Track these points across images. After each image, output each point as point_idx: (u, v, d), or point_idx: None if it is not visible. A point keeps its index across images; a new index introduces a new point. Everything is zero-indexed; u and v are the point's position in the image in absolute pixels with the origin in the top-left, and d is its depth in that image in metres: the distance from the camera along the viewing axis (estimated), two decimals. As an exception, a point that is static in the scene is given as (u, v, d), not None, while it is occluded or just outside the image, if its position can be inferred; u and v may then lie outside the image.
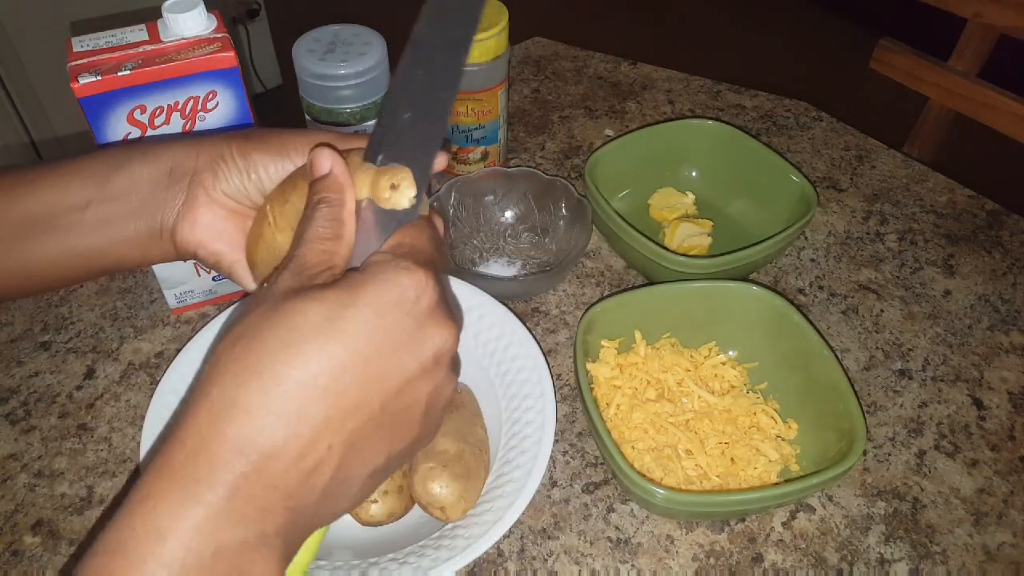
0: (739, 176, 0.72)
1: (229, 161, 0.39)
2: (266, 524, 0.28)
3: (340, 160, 0.35)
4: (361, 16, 0.70)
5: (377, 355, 0.30)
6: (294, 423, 0.28)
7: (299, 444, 0.28)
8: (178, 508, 0.26)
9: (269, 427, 0.27)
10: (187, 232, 0.40)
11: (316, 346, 0.28)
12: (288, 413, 0.28)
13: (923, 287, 0.68)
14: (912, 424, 0.58)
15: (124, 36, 0.52)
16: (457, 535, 0.45)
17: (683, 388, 0.57)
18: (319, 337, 0.28)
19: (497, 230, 0.71)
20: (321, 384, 0.28)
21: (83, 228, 0.39)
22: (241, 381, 0.28)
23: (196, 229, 0.40)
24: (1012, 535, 0.52)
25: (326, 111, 0.62)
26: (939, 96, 0.99)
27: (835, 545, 0.51)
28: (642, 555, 0.50)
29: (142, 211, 0.40)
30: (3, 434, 0.57)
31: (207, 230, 0.40)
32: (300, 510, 0.29)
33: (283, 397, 0.28)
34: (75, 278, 0.42)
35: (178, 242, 0.40)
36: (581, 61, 0.96)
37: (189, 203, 0.39)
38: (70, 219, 0.39)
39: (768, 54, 2.35)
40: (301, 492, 0.29)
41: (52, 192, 0.39)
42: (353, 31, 0.63)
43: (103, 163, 0.40)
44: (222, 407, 0.28)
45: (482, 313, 0.57)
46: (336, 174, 0.34)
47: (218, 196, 0.40)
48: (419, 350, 0.31)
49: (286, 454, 0.28)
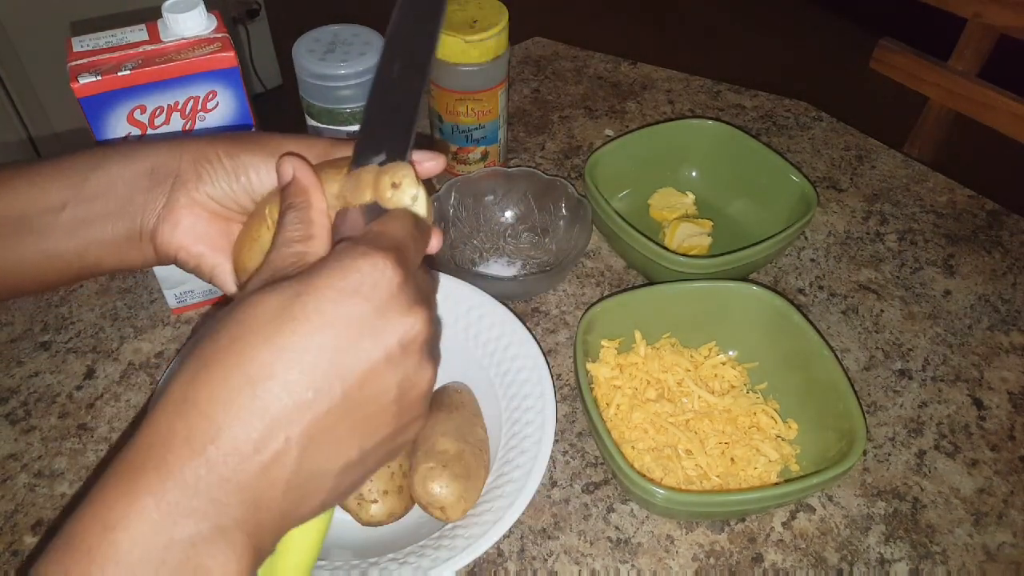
0: (739, 176, 0.72)
1: (215, 163, 0.38)
2: (221, 518, 0.27)
3: (302, 164, 0.35)
4: (361, 16, 0.70)
5: (333, 343, 0.29)
6: (245, 415, 0.27)
7: (253, 436, 0.28)
8: (126, 501, 0.26)
9: (219, 420, 0.27)
10: (167, 235, 0.39)
11: (263, 337, 0.28)
12: (239, 406, 0.27)
13: (923, 287, 0.68)
14: (912, 424, 0.58)
15: (124, 36, 0.52)
16: (457, 535, 0.45)
17: (683, 388, 0.57)
18: (268, 328, 0.28)
19: (497, 230, 0.71)
20: (272, 375, 0.28)
21: (59, 230, 0.38)
22: (194, 378, 0.28)
23: (177, 232, 0.39)
24: (1012, 535, 0.52)
25: (326, 111, 0.62)
26: (939, 96, 0.99)
27: (835, 545, 0.51)
28: (642, 555, 0.50)
29: (120, 213, 0.38)
30: (3, 434, 0.57)
31: (188, 233, 0.39)
32: (262, 505, 0.28)
33: (232, 390, 0.27)
34: (52, 281, 0.41)
35: (158, 245, 0.39)
36: (581, 61, 0.96)
37: (170, 205, 0.38)
38: (45, 221, 0.38)
39: (768, 54, 2.35)
40: (260, 486, 0.28)
41: (28, 193, 0.38)
42: (353, 31, 0.63)
43: (82, 163, 0.39)
44: (175, 403, 0.28)
45: (482, 313, 0.57)
46: (298, 178, 0.34)
47: (201, 198, 0.39)
48: (381, 337, 0.30)
49: (239, 447, 0.27)
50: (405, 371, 0.31)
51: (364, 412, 0.30)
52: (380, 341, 0.30)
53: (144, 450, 0.27)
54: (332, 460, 0.30)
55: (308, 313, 0.28)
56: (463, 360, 0.57)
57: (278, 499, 0.29)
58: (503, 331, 0.56)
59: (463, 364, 0.56)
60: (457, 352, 0.57)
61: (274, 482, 0.29)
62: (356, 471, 0.32)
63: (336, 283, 0.29)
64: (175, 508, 0.27)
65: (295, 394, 0.28)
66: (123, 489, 0.27)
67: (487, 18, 0.66)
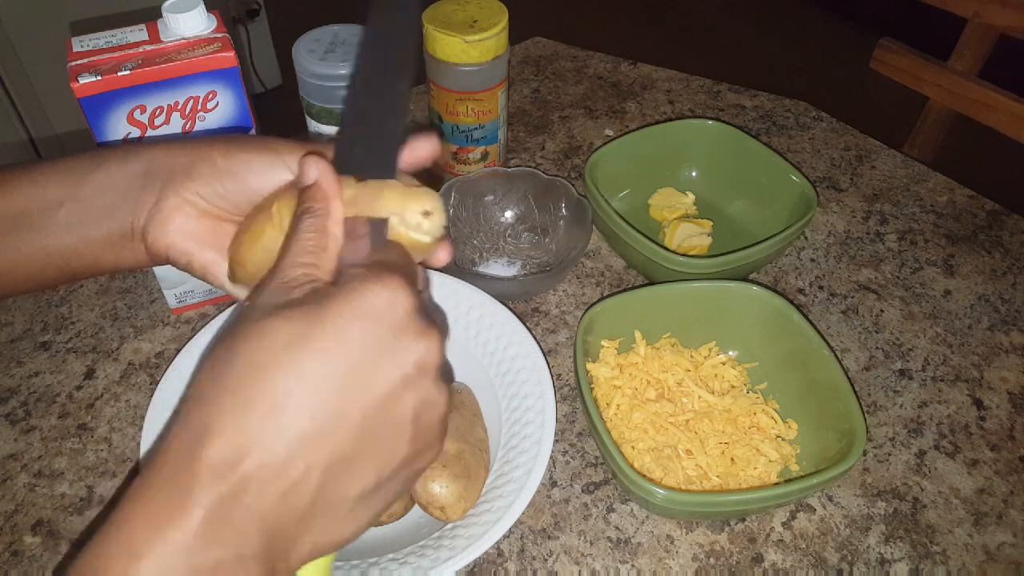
0: (739, 176, 0.72)
1: (209, 163, 0.38)
2: (242, 547, 0.27)
3: (328, 169, 0.34)
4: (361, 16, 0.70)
5: (352, 368, 0.29)
6: (268, 443, 0.27)
7: (274, 464, 0.27)
8: (153, 530, 0.26)
9: (244, 449, 0.27)
10: (158, 233, 0.39)
11: (286, 364, 0.28)
12: (260, 434, 0.27)
13: (923, 287, 0.68)
14: (912, 424, 0.58)
15: (124, 36, 0.52)
16: (457, 535, 0.45)
17: (683, 388, 0.57)
18: (289, 354, 0.28)
19: (497, 230, 0.71)
20: (294, 403, 0.28)
21: (56, 228, 0.39)
22: (215, 404, 0.28)
23: (167, 230, 0.39)
24: (1012, 535, 0.52)
25: (326, 111, 0.62)
26: (939, 96, 0.99)
27: (835, 545, 0.51)
28: (642, 555, 0.50)
29: (114, 211, 0.39)
30: (3, 434, 0.57)
31: (178, 231, 0.39)
32: (278, 533, 0.28)
33: (255, 418, 0.27)
34: (51, 279, 0.41)
35: (149, 243, 0.39)
36: (581, 61, 0.96)
37: (160, 204, 0.38)
38: (44, 218, 0.39)
39: (768, 54, 2.36)
40: (278, 514, 0.28)
41: (28, 191, 0.39)
42: (353, 31, 0.63)
43: (82, 163, 0.39)
44: (197, 430, 0.27)
45: (482, 313, 0.57)
46: (321, 183, 0.34)
47: (191, 197, 0.38)
48: (398, 360, 0.30)
49: (260, 475, 0.27)
50: (421, 394, 0.31)
51: (381, 436, 0.30)
52: (397, 364, 0.30)
53: (170, 479, 0.27)
54: (350, 487, 0.30)
55: (327, 338, 0.28)
56: (463, 360, 0.57)
57: (293, 527, 0.29)
58: (503, 331, 0.56)
59: (463, 364, 0.56)
60: (457, 352, 0.57)
61: (292, 510, 0.28)
62: (373, 500, 0.31)
63: (353, 307, 0.29)
64: (202, 538, 0.26)
65: (317, 420, 0.28)
66: (149, 519, 0.26)
67: (487, 18, 0.66)
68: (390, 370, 0.30)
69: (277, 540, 0.28)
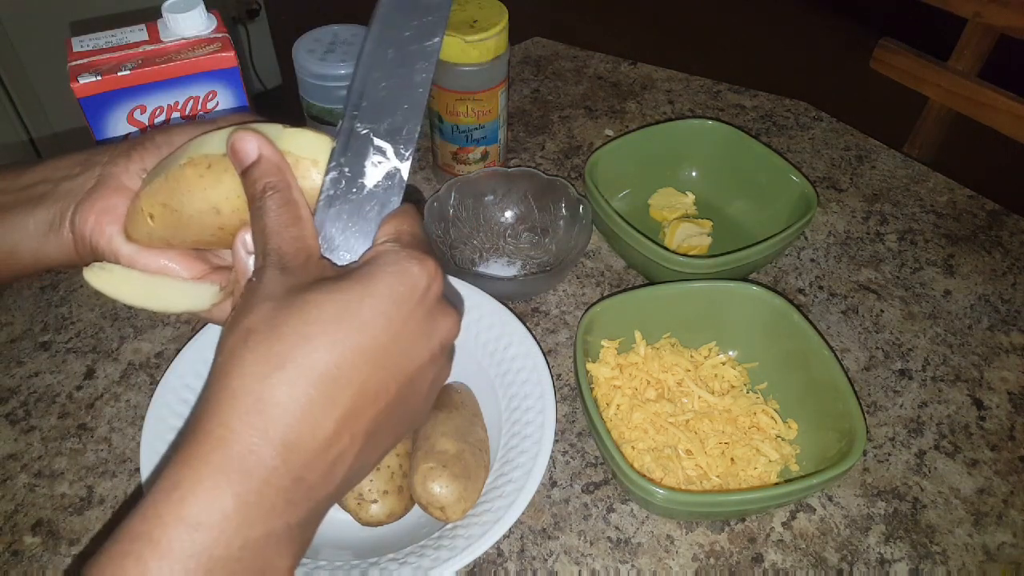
0: (739, 176, 0.72)
1: (148, 143, 0.38)
2: (290, 516, 0.28)
3: (265, 141, 0.34)
4: (361, 16, 0.70)
5: (394, 344, 0.30)
6: (319, 415, 0.28)
7: (324, 435, 0.29)
8: (209, 498, 0.26)
9: (296, 419, 0.28)
10: (84, 215, 0.37)
11: (338, 338, 0.29)
12: (312, 405, 0.28)
13: (923, 287, 0.68)
14: (912, 424, 0.58)
15: (124, 36, 0.52)
16: (457, 535, 0.45)
17: (683, 388, 0.57)
18: (340, 328, 0.29)
19: (497, 230, 0.71)
20: (344, 375, 0.29)
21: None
22: (263, 374, 0.28)
23: (93, 210, 0.37)
24: (1012, 535, 0.52)
25: (326, 111, 0.62)
26: (939, 96, 0.99)
27: (835, 545, 0.51)
28: (642, 555, 0.50)
29: (44, 200, 0.38)
30: (3, 434, 0.57)
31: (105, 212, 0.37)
32: (320, 500, 0.30)
33: (307, 389, 0.28)
34: None
35: (76, 229, 0.38)
36: (581, 61, 0.96)
37: (95, 188, 0.38)
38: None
39: (768, 54, 2.35)
40: (323, 483, 0.29)
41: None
42: (353, 31, 0.63)
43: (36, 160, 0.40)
44: (248, 400, 0.28)
45: (482, 313, 0.57)
46: (267, 156, 0.33)
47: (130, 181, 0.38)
48: (430, 338, 0.32)
49: (311, 446, 0.28)
50: (440, 369, 0.34)
51: (406, 408, 0.32)
52: (429, 342, 0.32)
53: (221, 447, 0.27)
54: (377, 452, 0.32)
55: (375, 315, 0.30)
56: (463, 360, 0.56)
57: (330, 494, 0.30)
58: (503, 331, 0.56)
59: (463, 364, 0.56)
60: (457, 352, 0.57)
61: (333, 478, 0.30)
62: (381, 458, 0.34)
63: (396, 287, 0.31)
64: (257, 508, 0.27)
65: (362, 394, 0.29)
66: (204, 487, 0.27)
67: (487, 18, 0.66)
68: (424, 348, 0.32)
69: (318, 506, 0.30)
